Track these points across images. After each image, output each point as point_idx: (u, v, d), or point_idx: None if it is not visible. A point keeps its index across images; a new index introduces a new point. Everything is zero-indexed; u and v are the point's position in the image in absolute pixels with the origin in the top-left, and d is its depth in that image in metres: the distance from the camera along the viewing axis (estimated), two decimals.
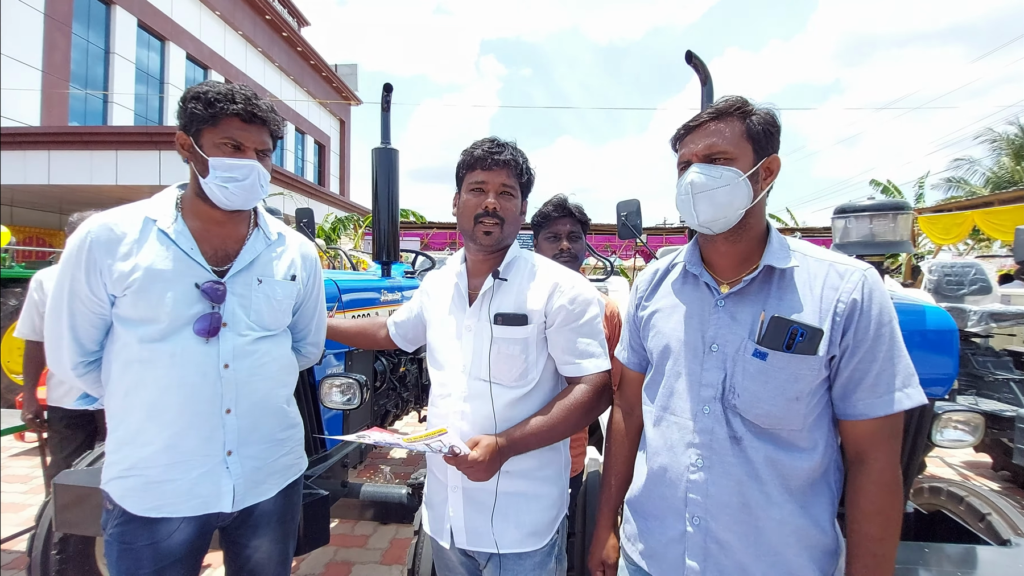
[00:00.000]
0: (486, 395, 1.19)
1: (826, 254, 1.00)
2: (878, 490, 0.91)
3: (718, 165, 0.96)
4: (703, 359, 1.00)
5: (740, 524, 0.94)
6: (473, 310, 1.25)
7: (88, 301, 1.15)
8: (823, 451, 0.94)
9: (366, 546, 2.95)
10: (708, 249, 1.06)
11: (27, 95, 13.23)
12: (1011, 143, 17.29)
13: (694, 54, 2.29)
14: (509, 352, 1.19)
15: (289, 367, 1.38)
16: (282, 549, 1.37)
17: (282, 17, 23.11)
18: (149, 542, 1.15)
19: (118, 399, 1.17)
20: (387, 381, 2.73)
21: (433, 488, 1.30)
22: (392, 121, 3.11)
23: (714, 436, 0.97)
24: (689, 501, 0.98)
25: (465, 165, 1.25)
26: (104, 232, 1.14)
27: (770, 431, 0.94)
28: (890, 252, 1.64)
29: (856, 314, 0.91)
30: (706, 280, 1.04)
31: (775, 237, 1.01)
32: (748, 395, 0.94)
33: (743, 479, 0.94)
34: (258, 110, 1.19)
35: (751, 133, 0.96)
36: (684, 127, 1.03)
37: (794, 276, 0.97)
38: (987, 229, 9.09)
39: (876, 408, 0.91)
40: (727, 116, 0.97)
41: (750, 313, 0.97)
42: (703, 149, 0.98)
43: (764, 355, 0.93)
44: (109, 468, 1.18)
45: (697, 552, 0.97)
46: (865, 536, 0.91)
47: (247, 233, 1.30)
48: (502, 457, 1.12)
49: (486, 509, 1.19)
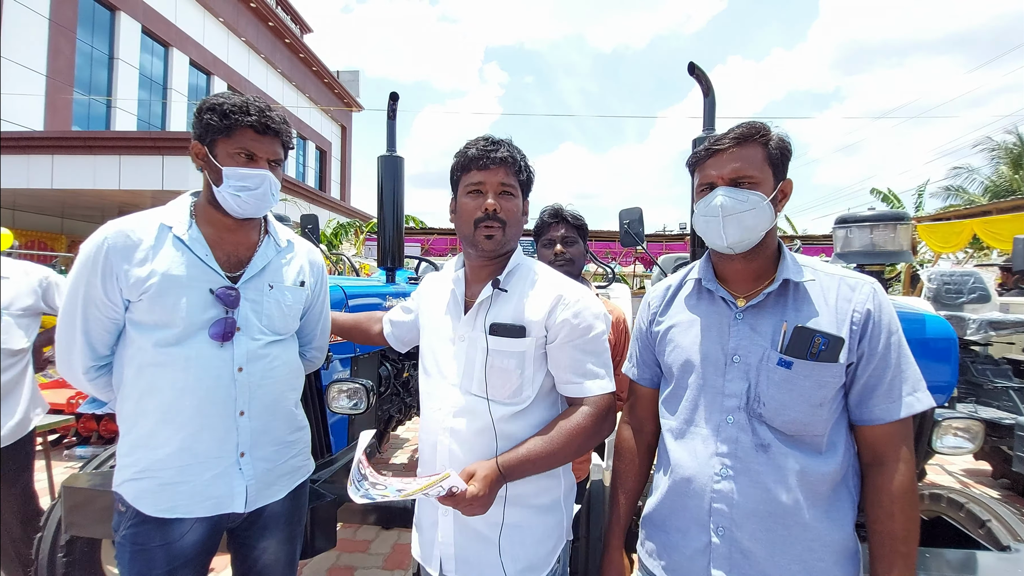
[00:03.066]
0: (478, 411, 1.10)
1: (833, 269, 1.05)
2: (899, 490, 0.95)
3: (744, 189, 0.99)
4: (725, 370, 1.03)
5: (766, 532, 0.96)
6: (468, 319, 1.17)
7: (103, 306, 1.16)
8: (843, 455, 0.98)
9: (368, 551, 2.95)
10: (724, 266, 1.09)
11: (31, 100, 13.31)
12: (1009, 152, 17.34)
13: (696, 65, 2.32)
14: (503, 366, 1.11)
15: (297, 370, 1.41)
16: (289, 551, 1.39)
17: (285, 24, 23.30)
18: (162, 543, 1.17)
19: (131, 402, 1.18)
20: (391, 386, 2.74)
21: (422, 509, 1.23)
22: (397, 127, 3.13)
23: (739, 445, 0.99)
24: (714, 511, 1.00)
25: (460, 167, 1.17)
26: (121, 238, 1.16)
27: (795, 437, 0.97)
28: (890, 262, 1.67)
29: (870, 324, 0.96)
30: (722, 295, 1.07)
31: (787, 254, 1.06)
32: (775, 403, 0.97)
33: (771, 486, 0.96)
34: (271, 122, 1.21)
35: (771, 158, 1.01)
36: (706, 150, 1.04)
37: (808, 289, 1.01)
38: (986, 238, 9.12)
39: (891, 412, 0.96)
40: (751, 141, 1.00)
41: (770, 324, 1.01)
42: (730, 173, 1.00)
43: (789, 364, 0.96)
44: (122, 471, 1.20)
45: (722, 562, 0.99)
46: (889, 535, 0.95)
47: (258, 240, 1.33)
48: (499, 486, 1.04)
49: (480, 538, 1.11)
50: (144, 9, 16.63)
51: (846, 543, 0.97)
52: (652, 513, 1.13)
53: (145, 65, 17.09)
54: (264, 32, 22.39)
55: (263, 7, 21.53)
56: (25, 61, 13.16)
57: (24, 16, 13.07)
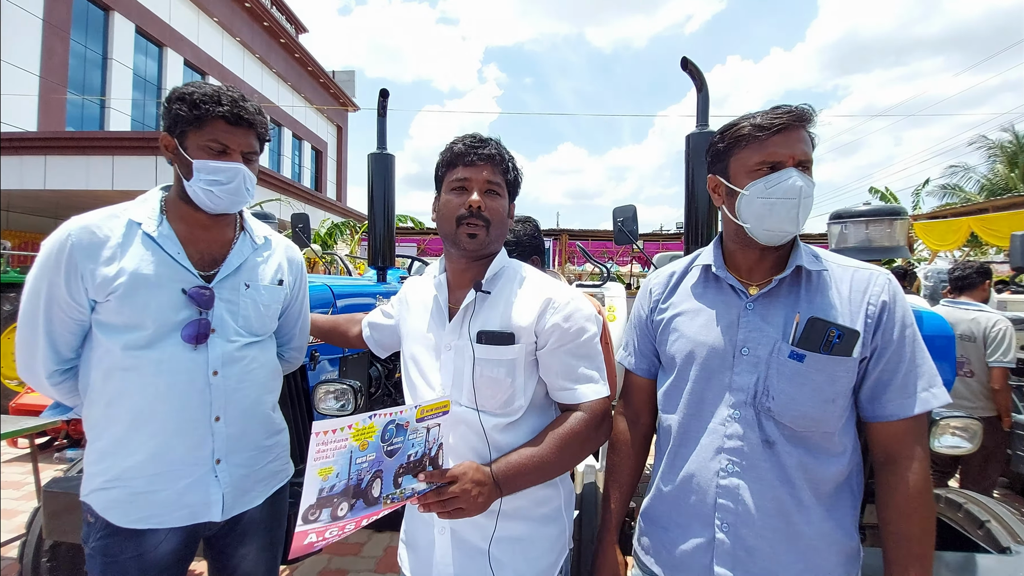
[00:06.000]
0: (469, 422, 1.05)
1: (845, 260, 1.00)
2: (915, 489, 0.91)
3: (807, 174, 0.94)
4: (733, 363, 0.98)
5: (772, 530, 0.93)
6: (453, 327, 1.10)
7: (67, 307, 1.10)
8: (850, 455, 0.95)
9: (360, 554, 2.91)
10: (741, 255, 1.03)
11: (24, 100, 13.22)
12: (1005, 150, 17.42)
13: (689, 60, 2.28)
14: (493, 375, 1.05)
15: (275, 372, 1.36)
16: (269, 557, 1.35)
17: (280, 24, 23.21)
18: (134, 554, 1.13)
19: (99, 408, 1.13)
20: (382, 387, 2.70)
21: (416, 527, 1.16)
22: (393, 127, 3.11)
23: (746, 440, 0.96)
24: (719, 507, 0.96)
25: (445, 163, 1.12)
26: (86, 235, 1.10)
27: (803, 435, 0.94)
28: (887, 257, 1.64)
29: (885, 316, 0.92)
30: (732, 283, 1.01)
31: (800, 243, 1.01)
32: (784, 397, 0.93)
33: (776, 484, 0.93)
34: (244, 112, 1.15)
35: (813, 144, 0.97)
36: (769, 124, 0.94)
37: (821, 279, 0.96)
38: (984, 235, 9.13)
39: (906, 408, 0.91)
40: (807, 123, 0.95)
41: (781, 315, 0.96)
42: (801, 155, 0.94)
43: (801, 357, 0.92)
44: (90, 480, 1.14)
45: (726, 559, 0.95)
46: (904, 536, 0.91)
47: (233, 237, 1.28)
48: (492, 491, 0.98)
49: (480, 554, 1.05)
50: (138, 9, 16.52)
51: (848, 542, 0.95)
52: (651, 509, 1.09)
53: (139, 65, 16.99)
54: (259, 32, 22.29)
55: (258, 7, 21.44)
56: (18, 62, 13.06)
57: (17, 16, 12.97)
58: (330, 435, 0.83)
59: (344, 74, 32.20)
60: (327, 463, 0.83)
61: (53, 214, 14.50)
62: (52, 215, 14.56)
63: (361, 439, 0.86)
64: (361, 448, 0.86)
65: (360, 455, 0.86)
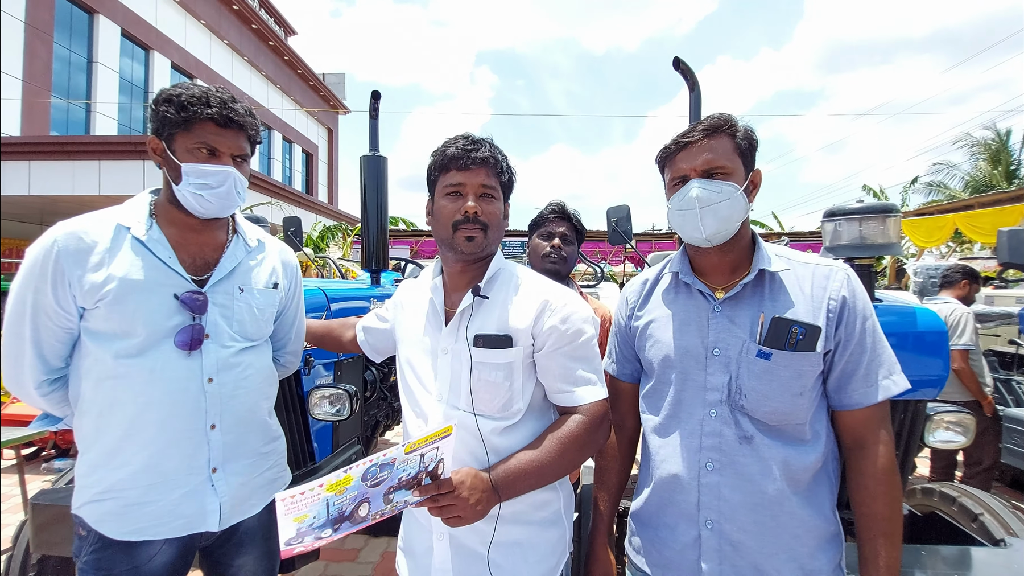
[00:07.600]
0: (467, 427, 1.04)
1: (805, 257, 1.06)
2: (881, 471, 0.97)
3: (718, 180, 0.99)
4: (706, 364, 1.03)
5: (754, 523, 0.97)
6: (449, 330, 1.10)
7: (55, 315, 1.07)
8: (824, 441, 1.00)
9: (357, 560, 2.89)
10: (701, 259, 1.09)
11: (7, 105, 13.01)
12: (988, 148, 17.70)
13: (682, 60, 2.30)
14: (491, 379, 1.04)
15: (271, 378, 1.34)
16: (267, 567, 1.32)
17: (268, 26, 23.03)
18: (129, 567, 1.10)
19: (91, 418, 1.11)
20: (377, 391, 2.68)
21: (413, 533, 1.15)
22: (385, 129, 3.09)
23: (723, 438, 1.00)
24: (702, 504, 1.00)
25: (438, 166, 1.10)
26: (72, 241, 1.07)
27: (778, 428, 0.98)
28: (880, 254, 1.65)
29: (845, 311, 0.98)
30: (699, 288, 1.07)
31: (761, 244, 1.07)
32: (755, 395, 0.98)
33: (755, 477, 0.97)
34: (234, 114, 1.13)
35: (740, 149, 1.02)
36: (675, 143, 1.05)
37: (784, 279, 1.02)
38: (968, 232, 9.26)
39: (870, 396, 0.98)
40: (719, 133, 1.01)
41: (747, 316, 1.01)
42: (703, 164, 1.00)
43: (768, 355, 0.98)
44: (82, 492, 1.12)
45: (712, 555, 0.99)
46: (874, 516, 0.96)
47: (226, 240, 1.25)
48: (491, 496, 0.97)
49: (479, 560, 1.05)
50: (123, 12, 16.31)
51: (827, 527, 0.99)
52: (639, 510, 1.13)
53: (125, 69, 16.75)
54: (247, 35, 22.11)
55: (246, 9, 21.27)
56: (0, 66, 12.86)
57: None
58: (297, 498, 0.78)
59: (334, 77, 32.02)
60: (300, 513, 0.79)
61: (38, 220, 14.27)
62: (37, 221, 14.33)
63: (337, 488, 0.81)
64: (338, 494, 0.81)
65: (338, 499, 0.82)
